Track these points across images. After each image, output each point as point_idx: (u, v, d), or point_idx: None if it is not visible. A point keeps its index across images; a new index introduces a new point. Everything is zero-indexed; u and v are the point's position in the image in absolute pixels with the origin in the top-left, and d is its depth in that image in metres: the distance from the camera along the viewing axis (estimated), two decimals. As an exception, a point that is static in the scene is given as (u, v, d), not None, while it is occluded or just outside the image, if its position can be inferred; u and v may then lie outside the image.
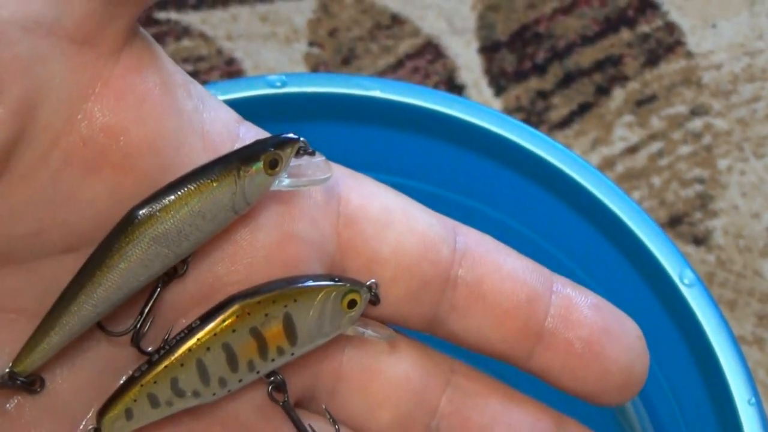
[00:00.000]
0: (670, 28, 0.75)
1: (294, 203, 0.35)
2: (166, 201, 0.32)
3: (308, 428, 0.35)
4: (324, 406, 0.36)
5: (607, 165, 0.70)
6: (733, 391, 0.41)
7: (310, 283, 0.34)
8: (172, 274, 0.34)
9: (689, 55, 0.74)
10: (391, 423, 0.37)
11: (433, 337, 0.37)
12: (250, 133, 0.34)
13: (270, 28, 0.75)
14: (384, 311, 0.36)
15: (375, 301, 0.35)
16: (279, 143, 0.33)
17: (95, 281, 0.32)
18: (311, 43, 0.74)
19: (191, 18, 0.75)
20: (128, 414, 0.33)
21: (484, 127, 0.46)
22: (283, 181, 0.34)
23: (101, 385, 0.34)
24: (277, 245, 0.34)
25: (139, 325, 0.34)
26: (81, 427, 0.33)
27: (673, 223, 0.68)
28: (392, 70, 0.73)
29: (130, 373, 0.34)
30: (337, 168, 0.36)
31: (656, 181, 0.69)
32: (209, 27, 0.75)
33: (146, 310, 0.33)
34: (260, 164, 0.33)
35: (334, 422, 0.36)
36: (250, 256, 0.34)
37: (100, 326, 0.33)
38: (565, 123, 0.72)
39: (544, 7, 0.76)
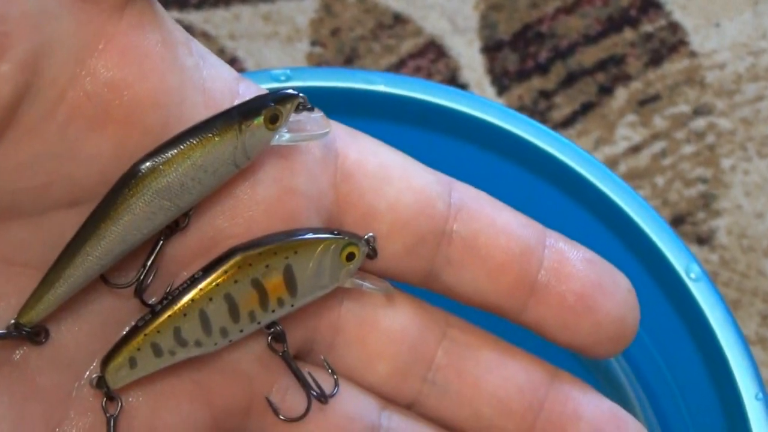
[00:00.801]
0: (674, 27, 0.75)
1: (293, 158, 0.35)
2: (169, 155, 0.32)
3: (307, 376, 0.36)
4: (323, 357, 0.37)
5: (610, 164, 0.70)
6: (740, 386, 0.41)
7: (311, 235, 0.35)
8: (174, 228, 0.34)
9: (692, 54, 0.74)
10: (388, 375, 0.37)
11: (428, 292, 0.38)
12: (250, 90, 0.35)
13: (272, 27, 0.75)
14: (380, 265, 0.37)
15: (372, 254, 0.36)
16: (279, 98, 0.34)
17: (99, 234, 0.32)
18: (313, 43, 0.74)
19: (193, 17, 0.75)
20: (132, 363, 0.34)
21: (490, 121, 0.46)
22: (283, 136, 0.34)
23: (104, 337, 0.34)
24: (277, 199, 0.35)
25: (142, 278, 0.34)
26: (86, 376, 0.34)
27: (676, 223, 0.68)
28: (395, 70, 0.73)
29: (134, 323, 0.34)
30: (336, 125, 0.36)
31: (659, 180, 0.69)
32: (212, 26, 0.75)
33: (149, 263, 0.34)
34: (261, 119, 0.33)
35: (333, 372, 0.37)
36: (250, 210, 0.35)
37: (104, 279, 0.34)
38: (567, 122, 0.71)
39: (547, 6, 0.76)
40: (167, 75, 0.32)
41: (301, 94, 0.34)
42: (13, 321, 0.33)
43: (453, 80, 0.73)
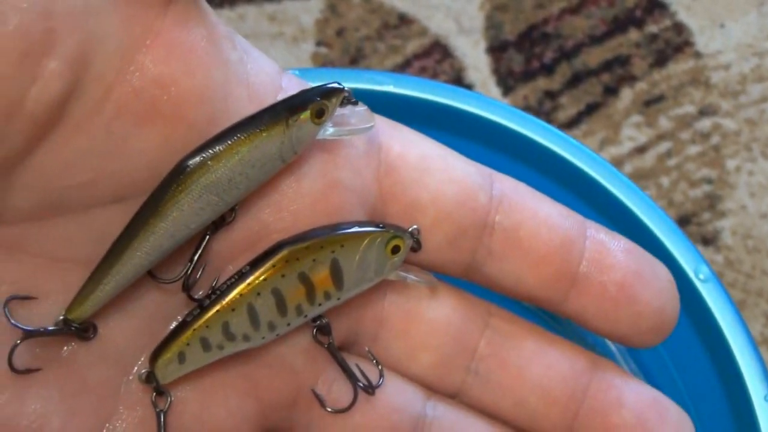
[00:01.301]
0: (679, 28, 0.75)
1: (337, 152, 0.35)
2: (217, 150, 0.33)
3: (353, 367, 0.36)
4: (367, 348, 0.37)
5: (615, 165, 0.69)
6: (748, 387, 0.41)
7: (356, 229, 0.35)
8: (220, 223, 0.34)
9: (697, 55, 0.74)
10: (432, 365, 0.38)
11: (469, 283, 0.38)
12: (293, 84, 0.35)
13: (277, 27, 0.75)
14: (423, 258, 0.37)
15: (416, 247, 0.36)
16: (325, 93, 0.34)
17: (147, 230, 0.33)
18: (319, 43, 0.74)
19: (199, 17, 0.75)
20: (181, 357, 0.34)
21: (498, 122, 0.46)
22: (328, 130, 0.34)
23: (152, 332, 0.35)
24: (322, 193, 0.35)
25: (189, 272, 0.34)
26: (134, 371, 0.34)
27: (681, 224, 0.68)
28: (400, 70, 0.73)
29: (181, 319, 0.35)
30: (378, 118, 0.37)
31: (664, 181, 0.69)
32: (217, 26, 0.75)
33: (196, 258, 0.34)
34: (308, 113, 0.33)
35: (378, 363, 0.37)
36: (295, 204, 0.35)
37: (151, 274, 0.34)
38: (573, 123, 0.71)
39: (552, 6, 0.76)
40: (212, 70, 0.33)
41: (346, 88, 0.34)
42: (62, 317, 0.33)
43: (458, 80, 0.73)
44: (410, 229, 0.36)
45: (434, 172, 0.36)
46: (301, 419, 0.37)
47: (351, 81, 0.46)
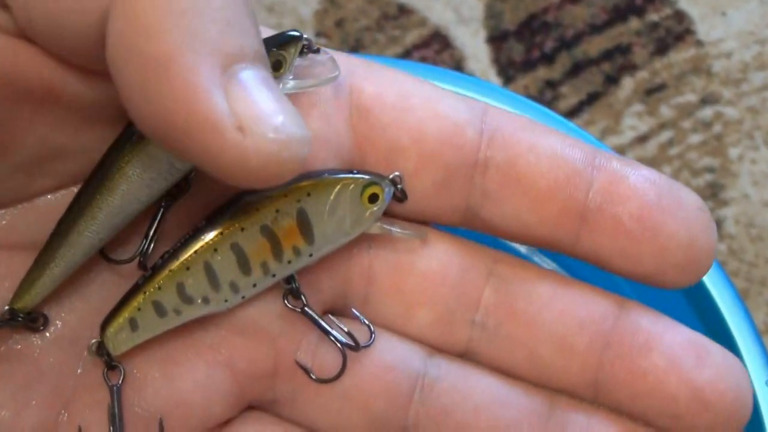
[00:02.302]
0: (680, 16, 0.75)
1: (300, 100, 0.32)
2: None
3: (337, 330, 0.33)
4: (353, 309, 0.34)
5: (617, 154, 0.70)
6: (751, 374, 0.41)
7: (326, 176, 0.32)
8: (176, 194, 0.32)
9: (699, 43, 0.74)
10: (431, 322, 0.34)
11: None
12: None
13: (276, 18, 0.75)
14: (411, 206, 0.34)
15: (401, 196, 0.33)
16: (281, 43, 0.31)
17: (94, 207, 0.30)
18: (318, 34, 0.74)
19: (197, 9, 0.75)
20: (133, 324, 0.31)
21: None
22: (288, 83, 0.32)
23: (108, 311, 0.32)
24: None
25: (145, 250, 0.32)
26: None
27: (683, 213, 0.68)
28: (400, 61, 0.73)
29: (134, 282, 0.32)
30: (349, 59, 0.34)
31: (667, 170, 0.69)
32: (215, 18, 0.75)
33: (151, 233, 0.32)
34: None
35: (366, 322, 0.34)
36: None
37: (104, 255, 0.32)
38: (574, 112, 0.71)
39: (552, -4, 0.75)
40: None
41: (305, 36, 0.32)
42: (7, 307, 0.31)
43: (458, 70, 0.73)
44: (391, 176, 0.33)
45: (415, 111, 0.33)
46: (285, 390, 0.34)
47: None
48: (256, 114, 0.26)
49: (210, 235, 0.31)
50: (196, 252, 0.31)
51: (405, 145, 0.33)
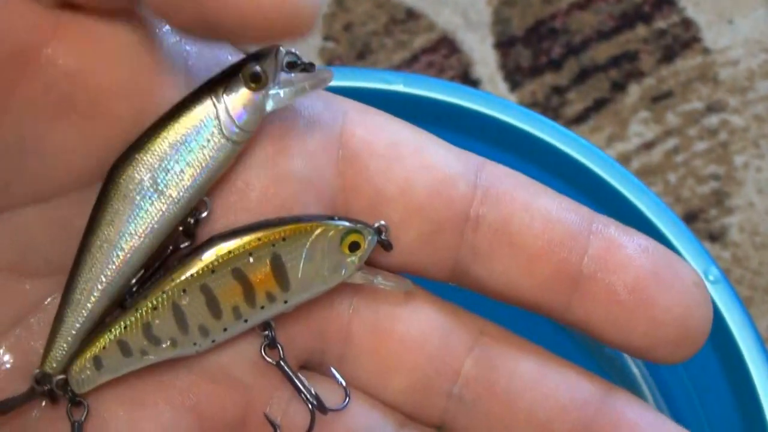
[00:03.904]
0: (687, 24, 0.75)
1: (288, 138, 0.31)
2: (143, 140, 0.29)
3: (307, 389, 0.32)
4: (332, 368, 0.33)
5: (622, 161, 0.70)
6: (758, 389, 0.41)
7: (303, 221, 0.31)
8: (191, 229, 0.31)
9: (705, 51, 0.74)
10: (406, 389, 0.33)
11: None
12: (238, 58, 0.31)
13: (285, 22, 0.75)
14: (397, 259, 0.32)
15: (387, 245, 0.32)
16: (256, 55, 0.30)
17: (92, 251, 0.30)
18: (326, 38, 0.74)
19: (206, 11, 0.75)
20: (97, 363, 0.31)
21: (507, 121, 0.46)
22: (279, 95, 0.30)
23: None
24: (269, 187, 0.31)
25: (130, 289, 0.31)
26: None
27: (688, 220, 0.68)
28: (407, 65, 0.73)
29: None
30: (343, 101, 0.33)
31: (672, 177, 0.69)
32: (224, 21, 0.75)
33: (139, 274, 0.31)
34: (240, 80, 0.30)
35: (344, 386, 0.33)
36: (238, 199, 0.31)
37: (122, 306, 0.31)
38: (580, 119, 0.71)
39: (560, 2, 0.75)
40: (137, 58, 0.29)
41: (290, 50, 0.31)
42: (37, 371, 0.31)
43: (465, 76, 0.73)
44: (377, 225, 0.32)
45: (405, 160, 0.32)
46: None
47: (360, 80, 0.46)
48: None
49: (180, 276, 0.30)
50: (164, 292, 0.30)
51: (392, 195, 0.32)
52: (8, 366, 0.31)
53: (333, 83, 0.47)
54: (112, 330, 0.31)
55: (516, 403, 0.32)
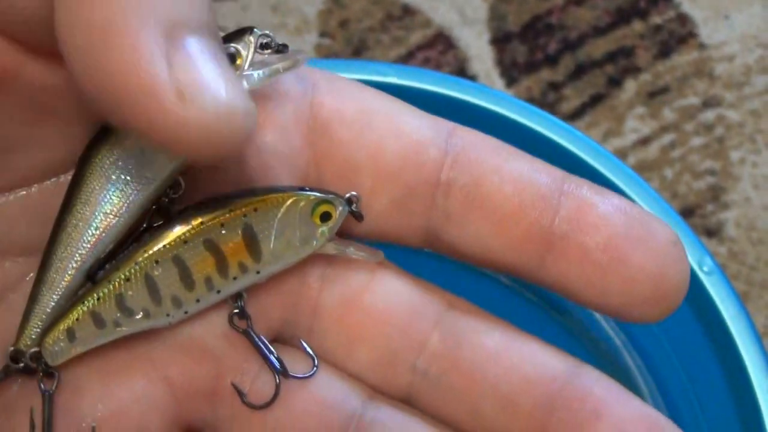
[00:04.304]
0: (683, 19, 0.75)
1: (259, 114, 0.30)
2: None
3: (275, 358, 0.32)
4: (301, 340, 0.33)
5: (618, 156, 0.69)
6: (753, 379, 0.41)
7: (273, 192, 0.31)
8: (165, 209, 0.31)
9: (702, 46, 0.74)
10: (372, 362, 0.33)
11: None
12: None
13: (280, 18, 0.75)
14: (371, 226, 0.33)
15: (358, 216, 0.32)
16: (230, 35, 0.30)
17: (67, 229, 0.30)
18: (322, 34, 0.74)
19: (202, 8, 0.75)
20: (70, 335, 0.31)
21: (502, 113, 0.46)
22: (253, 76, 0.30)
23: None
24: (241, 162, 0.32)
25: (100, 260, 0.31)
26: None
27: (685, 215, 0.68)
28: (403, 61, 0.73)
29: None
30: (312, 71, 0.33)
31: (668, 173, 0.69)
32: (219, 17, 0.75)
33: (111, 247, 0.31)
34: None
35: (311, 352, 0.33)
36: (210, 173, 0.32)
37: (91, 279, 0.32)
38: (576, 114, 0.71)
39: (556, -2, 0.76)
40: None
41: (264, 32, 0.31)
42: (11, 348, 0.31)
43: (462, 72, 0.73)
44: (348, 195, 0.32)
45: (375, 128, 0.32)
46: (224, 413, 0.33)
47: (355, 72, 0.46)
48: (198, 83, 0.25)
49: (152, 247, 0.31)
50: (136, 263, 0.31)
51: (362, 162, 0.32)
52: None
53: (328, 76, 0.47)
54: (85, 302, 0.31)
55: (480, 376, 0.32)
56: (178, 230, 0.30)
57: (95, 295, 0.31)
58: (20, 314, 0.31)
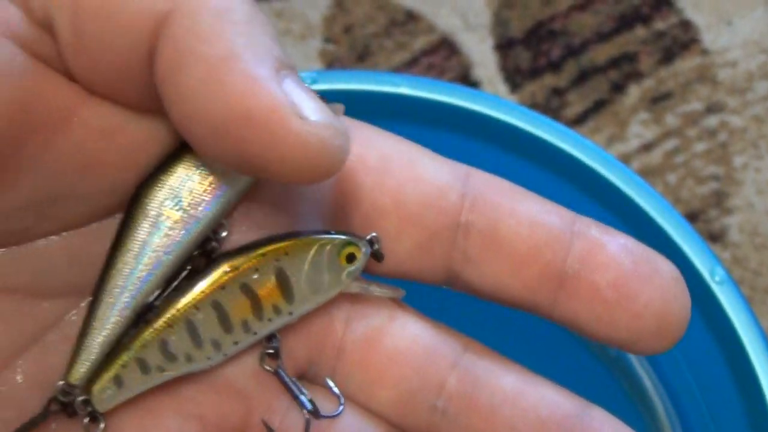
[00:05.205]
0: (686, 25, 0.75)
1: None
2: (166, 164, 0.31)
3: (304, 396, 0.34)
4: (326, 377, 0.34)
5: (622, 162, 0.70)
6: (765, 390, 0.41)
7: (304, 236, 0.33)
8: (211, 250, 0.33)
9: (704, 52, 0.74)
10: (393, 402, 0.34)
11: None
12: None
13: (285, 24, 0.75)
14: (394, 266, 0.34)
15: (378, 256, 0.34)
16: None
17: (116, 269, 0.31)
18: (326, 40, 0.74)
19: (206, 14, 0.75)
20: (118, 381, 0.32)
21: (513, 123, 0.46)
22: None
23: None
24: (276, 206, 0.33)
25: (151, 302, 0.32)
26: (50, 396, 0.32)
27: (688, 221, 0.68)
28: (407, 67, 0.73)
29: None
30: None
31: (671, 178, 0.69)
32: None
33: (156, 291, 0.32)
34: None
35: (336, 391, 0.34)
36: (249, 219, 0.33)
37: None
38: (580, 120, 0.72)
39: (560, 3, 0.76)
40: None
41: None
42: (61, 383, 0.32)
43: (465, 77, 0.73)
44: (368, 237, 0.33)
45: (396, 173, 0.33)
46: None
47: (365, 83, 0.46)
48: (312, 105, 0.28)
49: (192, 293, 0.32)
50: (178, 309, 0.32)
51: (386, 207, 0.34)
52: (26, 382, 0.32)
53: (337, 86, 0.47)
54: (131, 348, 0.32)
55: (497, 417, 0.34)
56: (216, 276, 0.32)
57: (140, 342, 0.32)
58: (57, 353, 0.32)
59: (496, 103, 0.47)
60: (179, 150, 0.31)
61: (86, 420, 0.32)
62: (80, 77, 0.30)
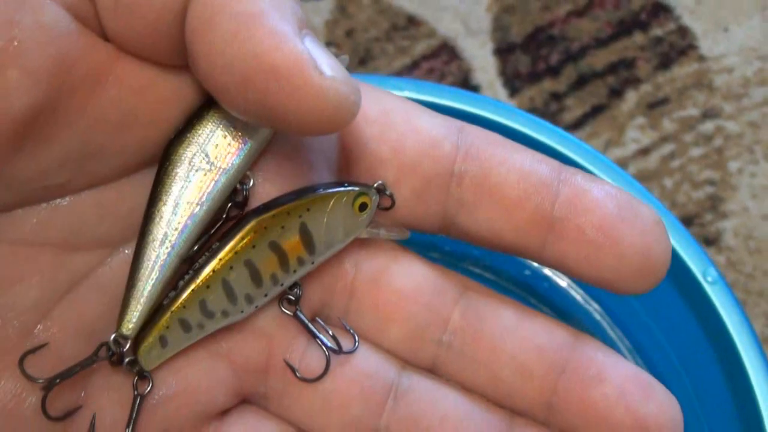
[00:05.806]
0: (683, 31, 0.75)
1: None
2: (194, 122, 0.33)
3: (324, 334, 0.36)
4: (339, 318, 0.37)
5: (619, 166, 0.70)
6: (755, 388, 0.41)
7: (321, 191, 0.35)
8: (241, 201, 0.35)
9: (701, 58, 0.74)
10: (403, 338, 0.37)
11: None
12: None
13: (288, 27, 0.75)
14: (394, 213, 0.36)
15: (388, 202, 0.36)
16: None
17: (154, 216, 0.33)
18: (328, 44, 0.74)
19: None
20: (163, 341, 0.34)
21: (515, 128, 0.46)
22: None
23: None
24: (292, 156, 0.35)
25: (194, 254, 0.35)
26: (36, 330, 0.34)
27: (684, 224, 0.68)
28: (408, 71, 0.73)
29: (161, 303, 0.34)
30: None
31: (668, 182, 0.69)
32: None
33: (195, 248, 0.34)
34: None
35: (352, 332, 0.36)
36: (263, 170, 0.35)
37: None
38: (578, 124, 0.72)
39: (559, 9, 0.76)
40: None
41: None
42: (113, 336, 0.33)
43: (465, 82, 0.73)
44: (375, 185, 0.36)
45: (395, 125, 0.36)
46: (276, 386, 0.36)
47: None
48: (329, 61, 0.30)
49: (225, 254, 0.34)
50: (214, 271, 0.34)
51: (386, 157, 0.36)
52: (62, 331, 0.34)
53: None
54: (173, 310, 0.34)
55: (499, 347, 0.36)
56: (246, 235, 0.34)
57: (181, 303, 0.34)
58: (88, 303, 0.34)
59: (502, 109, 0.47)
60: (202, 109, 0.33)
61: (135, 379, 0.34)
62: (115, 36, 0.32)
